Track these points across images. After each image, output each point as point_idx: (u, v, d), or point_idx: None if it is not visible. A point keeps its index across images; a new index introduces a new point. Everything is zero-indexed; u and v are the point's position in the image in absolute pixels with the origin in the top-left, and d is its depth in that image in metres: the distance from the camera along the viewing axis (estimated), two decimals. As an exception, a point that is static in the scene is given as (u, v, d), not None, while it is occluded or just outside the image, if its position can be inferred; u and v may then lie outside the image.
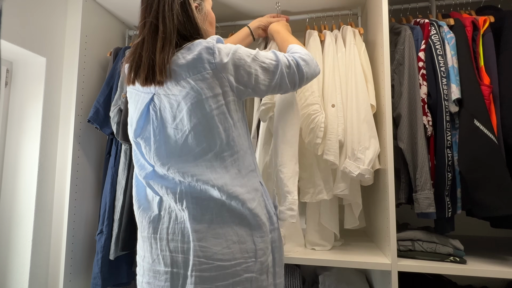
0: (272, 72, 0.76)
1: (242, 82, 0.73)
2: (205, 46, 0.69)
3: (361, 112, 1.10)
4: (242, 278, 0.69)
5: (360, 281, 1.29)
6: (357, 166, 1.07)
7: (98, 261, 1.24)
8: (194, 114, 0.69)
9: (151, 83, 0.69)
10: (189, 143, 0.70)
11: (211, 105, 0.69)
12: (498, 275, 0.95)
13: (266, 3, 1.39)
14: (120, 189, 1.29)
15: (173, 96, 0.70)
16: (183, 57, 0.69)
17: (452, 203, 1.05)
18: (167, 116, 0.71)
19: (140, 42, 0.72)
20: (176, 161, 0.72)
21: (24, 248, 1.18)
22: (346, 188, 1.12)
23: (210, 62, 0.68)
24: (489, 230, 1.28)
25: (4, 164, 1.24)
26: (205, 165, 0.71)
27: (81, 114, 1.33)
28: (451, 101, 1.06)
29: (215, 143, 0.71)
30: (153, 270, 0.72)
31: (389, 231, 1.01)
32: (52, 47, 1.28)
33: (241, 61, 0.72)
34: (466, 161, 1.01)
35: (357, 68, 1.15)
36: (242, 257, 0.69)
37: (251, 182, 0.75)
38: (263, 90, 0.77)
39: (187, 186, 0.71)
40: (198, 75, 0.68)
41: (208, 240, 0.69)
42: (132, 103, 0.78)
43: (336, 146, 1.10)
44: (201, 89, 0.68)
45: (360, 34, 1.24)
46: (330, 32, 1.25)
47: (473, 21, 1.10)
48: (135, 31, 1.57)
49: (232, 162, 0.72)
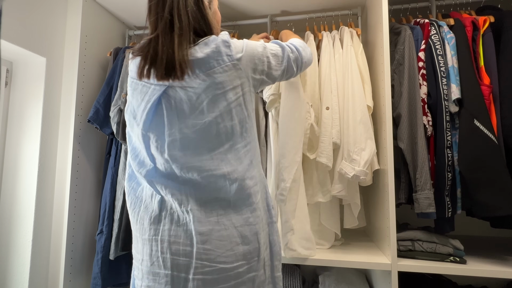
0: (281, 57, 0.83)
1: (258, 71, 0.77)
2: (222, 40, 0.72)
3: (357, 113, 1.10)
4: (245, 279, 0.69)
5: (360, 281, 1.29)
6: (352, 167, 1.07)
7: (98, 261, 1.24)
8: (215, 106, 0.70)
9: (169, 78, 0.69)
10: (206, 135, 0.71)
11: (231, 97, 0.71)
12: (498, 275, 0.95)
13: (266, 3, 1.39)
14: (120, 189, 1.29)
15: (191, 89, 0.70)
16: (201, 51, 0.70)
17: (452, 203, 1.05)
18: (184, 109, 0.70)
19: (154, 37, 0.71)
20: (191, 154, 0.70)
21: (24, 248, 1.18)
22: (343, 189, 1.12)
23: (228, 54, 0.71)
24: (489, 230, 1.29)
25: (4, 164, 1.24)
26: (220, 158, 0.71)
27: (81, 114, 1.34)
28: (451, 101, 1.06)
29: (231, 135, 0.72)
30: (153, 273, 0.70)
31: (389, 231, 1.01)
32: (52, 47, 1.28)
33: (254, 52, 0.76)
34: (466, 161, 1.01)
35: (353, 70, 1.15)
36: (245, 259, 0.69)
37: (259, 174, 0.78)
38: (275, 76, 0.83)
39: (193, 187, 0.70)
40: (218, 67, 0.70)
41: (212, 243, 0.68)
42: (137, 96, 0.74)
43: (329, 148, 1.11)
44: (222, 82, 0.70)
45: (357, 35, 1.24)
46: (327, 33, 1.26)
47: (473, 21, 1.10)
48: (135, 31, 1.57)
49: (246, 153, 0.74)
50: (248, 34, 1.38)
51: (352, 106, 1.12)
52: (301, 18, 1.38)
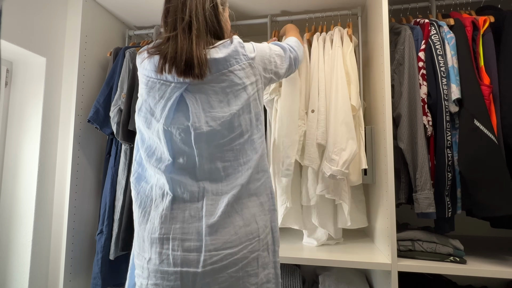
0: (284, 57, 0.93)
1: (267, 70, 0.86)
2: (238, 41, 0.79)
3: (340, 114, 1.12)
4: (250, 259, 0.72)
5: (360, 281, 1.29)
6: (330, 167, 1.08)
7: (98, 261, 1.24)
8: (237, 99, 0.76)
9: (189, 76, 0.73)
10: (230, 127, 0.75)
11: (249, 92, 0.78)
12: (498, 275, 0.95)
13: (266, 3, 1.39)
14: (120, 189, 1.29)
15: (213, 85, 0.75)
16: (221, 51, 0.76)
17: (452, 203, 1.05)
18: (210, 102, 0.75)
19: (173, 35, 0.76)
20: (215, 145, 0.75)
21: (24, 248, 1.18)
22: (325, 189, 1.14)
23: (244, 54, 0.79)
24: (489, 230, 1.29)
25: (4, 164, 1.24)
26: (239, 148, 0.77)
27: (81, 114, 1.34)
28: (451, 101, 1.06)
29: (250, 126, 0.78)
30: (161, 271, 0.71)
31: (389, 231, 1.02)
32: (52, 47, 1.28)
33: (263, 52, 0.85)
34: (466, 161, 1.01)
35: (339, 71, 1.16)
36: (248, 240, 0.73)
37: (265, 162, 0.83)
38: (281, 74, 0.92)
39: (210, 180, 0.74)
40: (237, 65, 0.77)
41: (218, 231, 0.71)
42: (154, 93, 0.76)
43: (313, 150, 1.15)
44: (242, 78, 0.77)
45: (348, 34, 1.24)
46: (317, 35, 1.27)
47: (473, 21, 1.10)
48: (135, 31, 1.57)
49: (260, 144, 0.81)
50: (248, 34, 1.38)
51: (335, 107, 1.13)
52: (301, 18, 1.38)
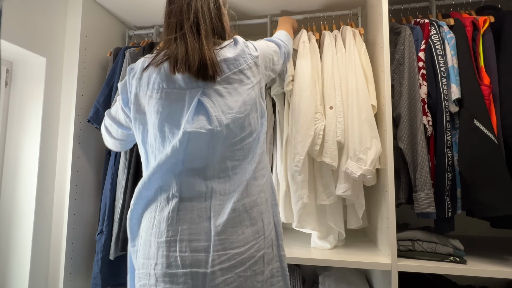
0: (280, 53, 0.96)
1: (267, 67, 0.88)
2: (242, 41, 0.81)
3: (362, 112, 1.10)
4: (256, 258, 0.72)
5: (360, 281, 1.29)
6: (359, 166, 1.06)
7: (98, 261, 1.24)
8: (248, 99, 0.77)
9: (202, 77, 0.73)
10: (242, 126, 0.76)
11: (256, 90, 0.80)
12: (498, 275, 0.95)
13: (266, 3, 1.39)
14: (120, 189, 1.29)
15: (226, 86, 0.76)
16: (229, 52, 0.78)
17: (452, 203, 1.05)
18: (227, 104, 0.75)
19: (181, 35, 0.76)
20: (228, 145, 0.75)
21: (24, 248, 1.18)
22: (348, 189, 1.11)
23: (249, 53, 0.80)
24: (489, 230, 1.29)
25: (4, 164, 1.24)
26: (248, 147, 0.77)
27: (81, 114, 1.34)
28: (451, 101, 1.06)
29: (256, 124, 0.80)
30: (170, 274, 0.68)
31: (389, 231, 1.01)
32: (52, 47, 1.28)
33: (264, 50, 0.87)
34: (466, 161, 1.01)
35: (357, 69, 1.15)
36: (254, 239, 0.73)
37: (266, 158, 0.83)
38: (277, 70, 0.95)
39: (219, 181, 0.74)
40: (245, 65, 0.78)
41: (227, 231, 0.70)
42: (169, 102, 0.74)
43: (334, 147, 1.11)
44: (250, 77, 0.78)
45: (360, 34, 1.23)
46: (329, 33, 1.25)
47: (473, 21, 1.10)
48: (135, 31, 1.57)
49: (263, 140, 0.82)
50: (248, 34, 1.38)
51: (357, 105, 1.11)
52: (301, 18, 1.38)
